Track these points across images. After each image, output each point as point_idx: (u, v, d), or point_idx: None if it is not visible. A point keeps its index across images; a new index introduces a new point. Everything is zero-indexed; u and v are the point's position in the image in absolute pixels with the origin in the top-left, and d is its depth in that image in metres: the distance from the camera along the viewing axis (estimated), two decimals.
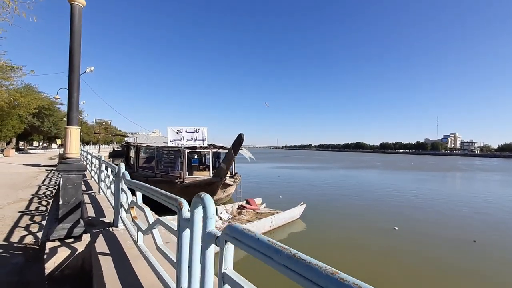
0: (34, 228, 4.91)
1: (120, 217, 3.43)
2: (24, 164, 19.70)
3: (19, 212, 6.15)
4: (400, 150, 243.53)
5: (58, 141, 24.40)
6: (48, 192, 8.71)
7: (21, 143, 51.01)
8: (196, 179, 13.73)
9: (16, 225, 5.11)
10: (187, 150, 14.02)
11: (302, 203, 14.75)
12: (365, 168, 50.88)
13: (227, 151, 15.84)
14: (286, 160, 78.17)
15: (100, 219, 4.20)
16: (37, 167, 18.11)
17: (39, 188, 9.49)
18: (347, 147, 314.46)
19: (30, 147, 53.52)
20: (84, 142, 53.21)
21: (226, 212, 13.36)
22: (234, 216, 13.02)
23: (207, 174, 14.68)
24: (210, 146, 14.55)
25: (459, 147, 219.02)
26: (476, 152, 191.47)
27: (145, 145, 15.92)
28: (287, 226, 12.46)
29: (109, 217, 4.29)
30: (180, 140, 13.99)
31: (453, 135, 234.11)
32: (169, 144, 13.96)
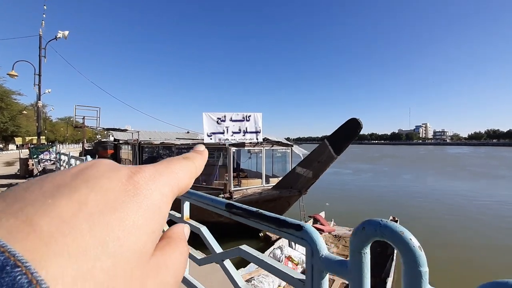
0: None
1: None
2: None
3: None
4: (376, 141, 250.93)
5: (18, 140, 17.85)
6: None
7: None
8: (250, 191, 8.94)
9: None
10: (233, 149, 9.13)
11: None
12: (377, 164, 48.33)
13: (283, 148, 11.11)
14: None
15: None
16: None
17: None
18: (322, 140, 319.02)
19: None
20: (49, 141, 45.14)
21: None
22: None
23: (259, 183, 9.91)
24: (264, 141, 9.77)
25: (431, 137, 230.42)
26: (447, 141, 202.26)
27: (158, 142, 10.63)
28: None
29: None
30: (223, 133, 9.02)
31: (424, 125, 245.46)
32: (206, 140, 8.90)
